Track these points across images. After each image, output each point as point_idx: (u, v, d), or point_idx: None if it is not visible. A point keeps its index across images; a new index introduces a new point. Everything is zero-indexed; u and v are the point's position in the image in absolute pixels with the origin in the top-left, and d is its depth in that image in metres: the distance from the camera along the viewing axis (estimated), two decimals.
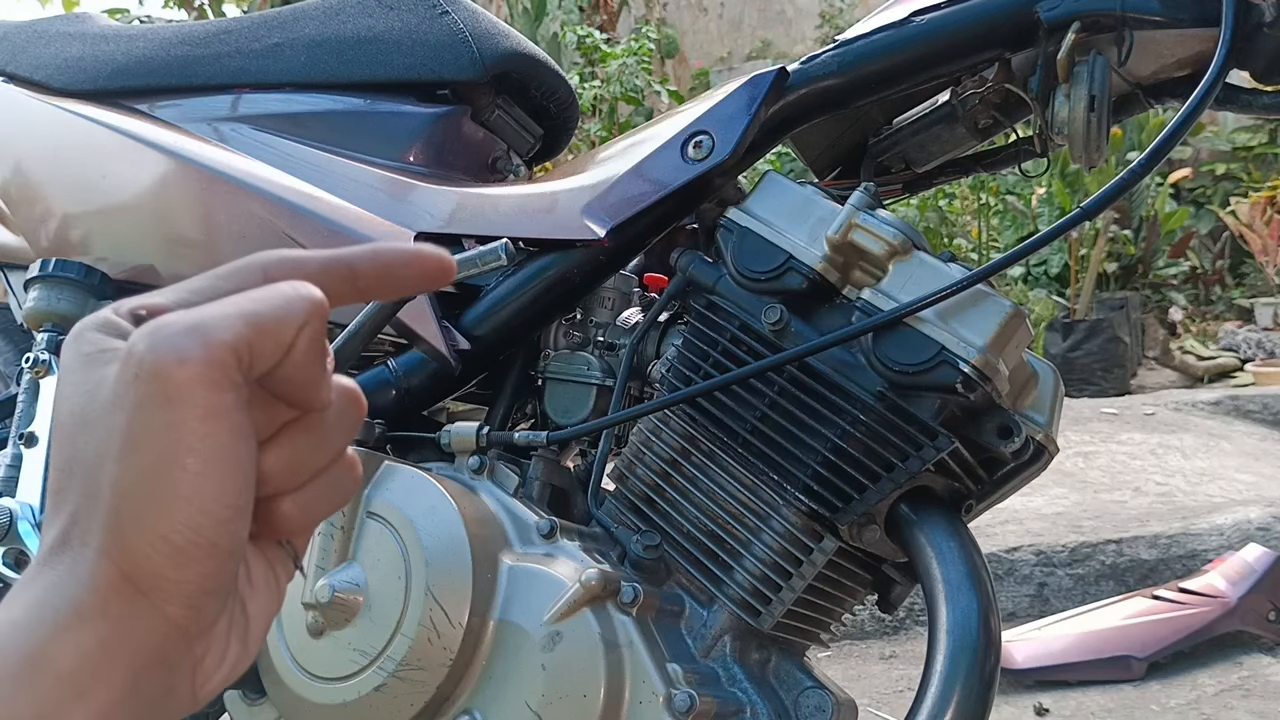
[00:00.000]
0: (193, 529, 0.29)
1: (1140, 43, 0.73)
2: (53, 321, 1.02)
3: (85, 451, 0.30)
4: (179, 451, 0.28)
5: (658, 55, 5.71)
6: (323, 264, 0.33)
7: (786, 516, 0.70)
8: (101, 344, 0.30)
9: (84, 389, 0.30)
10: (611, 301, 0.88)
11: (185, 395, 0.28)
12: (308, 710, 0.72)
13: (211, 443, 0.29)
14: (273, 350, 0.30)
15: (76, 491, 0.30)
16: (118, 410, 0.29)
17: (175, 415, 0.28)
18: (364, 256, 0.34)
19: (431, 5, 0.97)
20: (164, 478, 0.29)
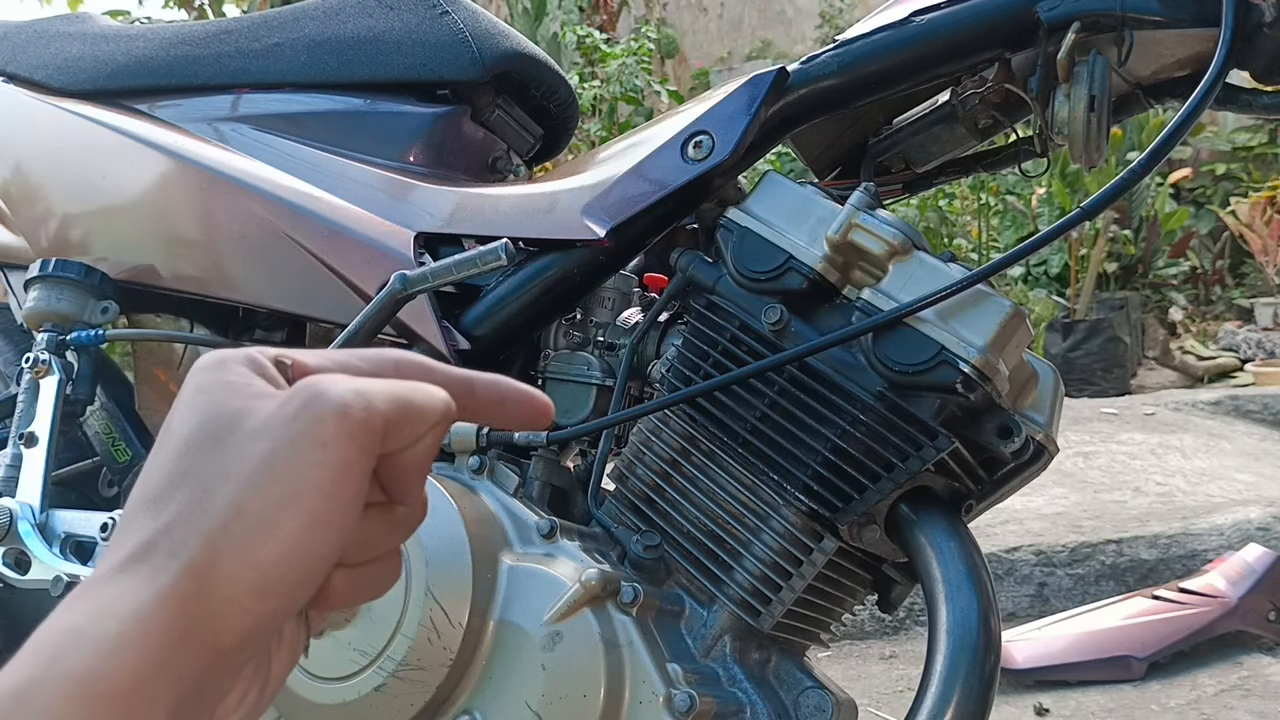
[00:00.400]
0: (288, 565, 0.30)
1: (1140, 43, 0.73)
2: (53, 321, 1.02)
3: (207, 468, 0.31)
4: (310, 490, 0.30)
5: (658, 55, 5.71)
6: (448, 376, 0.36)
7: (786, 516, 0.70)
8: (248, 378, 0.33)
9: (223, 412, 0.32)
10: (611, 301, 0.88)
11: (335, 444, 0.30)
12: (307, 710, 0.72)
13: (339, 493, 0.30)
14: (407, 436, 0.32)
15: (182, 503, 0.30)
16: (263, 439, 0.31)
17: (320, 457, 0.30)
18: (485, 383, 0.37)
19: (431, 5, 0.97)
20: (286, 509, 0.30)
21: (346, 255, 0.87)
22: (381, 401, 0.32)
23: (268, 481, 0.30)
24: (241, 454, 0.31)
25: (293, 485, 0.30)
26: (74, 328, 1.02)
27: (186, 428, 0.32)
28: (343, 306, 0.87)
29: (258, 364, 0.34)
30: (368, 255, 0.86)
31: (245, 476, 0.30)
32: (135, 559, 0.30)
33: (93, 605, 0.29)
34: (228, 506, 0.30)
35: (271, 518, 0.30)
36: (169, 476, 0.31)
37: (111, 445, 1.12)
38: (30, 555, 0.93)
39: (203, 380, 0.33)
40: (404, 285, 0.79)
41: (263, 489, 0.30)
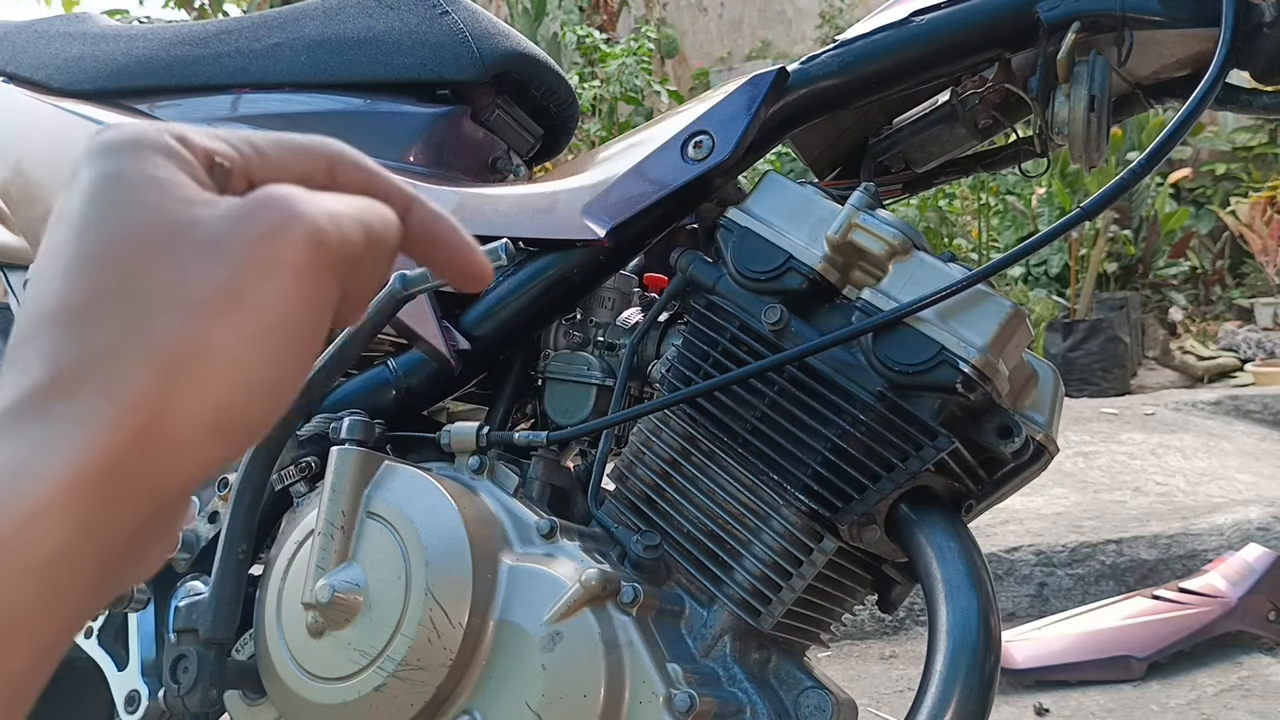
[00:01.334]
0: (253, 406, 0.26)
1: (1140, 43, 0.73)
2: None
3: (145, 286, 0.25)
4: (281, 324, 0.26)
5: (658, 55, 5.71)
6: (389, 191, 0.32)
7: (786, 516, 0.70)
8: (175, 176, 0.27)
9: (157, 219, 0.26)
10: (611, 301, 0.88)
11: (310, 274, 0.27)
12: (307, 710, 0.72)
13: (311, 328, 0.27)
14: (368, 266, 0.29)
15: (114, 329, 0.25)
16: (222, 260, 0.26)
17: (293, 289, 0.26)
18: (423, 212, 0.33)
19: (431, 5, 0.97)
20: (254, 344, 0.26)
21: None
22: (353, 228, 0.28)
23: (232, 311, 0.26)
24: (195, 275, 0.26)
25: (264, 319, 0.26)
26: None
27: (105, 230, 0.26)
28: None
29: (181, 158, 0.28)
30: None
31: (204, 303, 0.25)
32: (52, 394, 0.24)
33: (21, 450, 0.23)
34: (183, 336, 0.25)
35: (239, 354, 0.26)
36: (89, 291, 0.25)
37: None
38: None
39: (117, 170, 0.27)
40: (404, 285, 0.79)
41: (228, 320, 0.25)
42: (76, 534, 0.23)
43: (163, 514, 0.26)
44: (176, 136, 0.28)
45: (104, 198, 0.26)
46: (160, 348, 0.25)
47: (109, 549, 0.24)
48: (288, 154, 0.31)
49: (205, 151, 0.29)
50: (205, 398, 0.25)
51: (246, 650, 0.80)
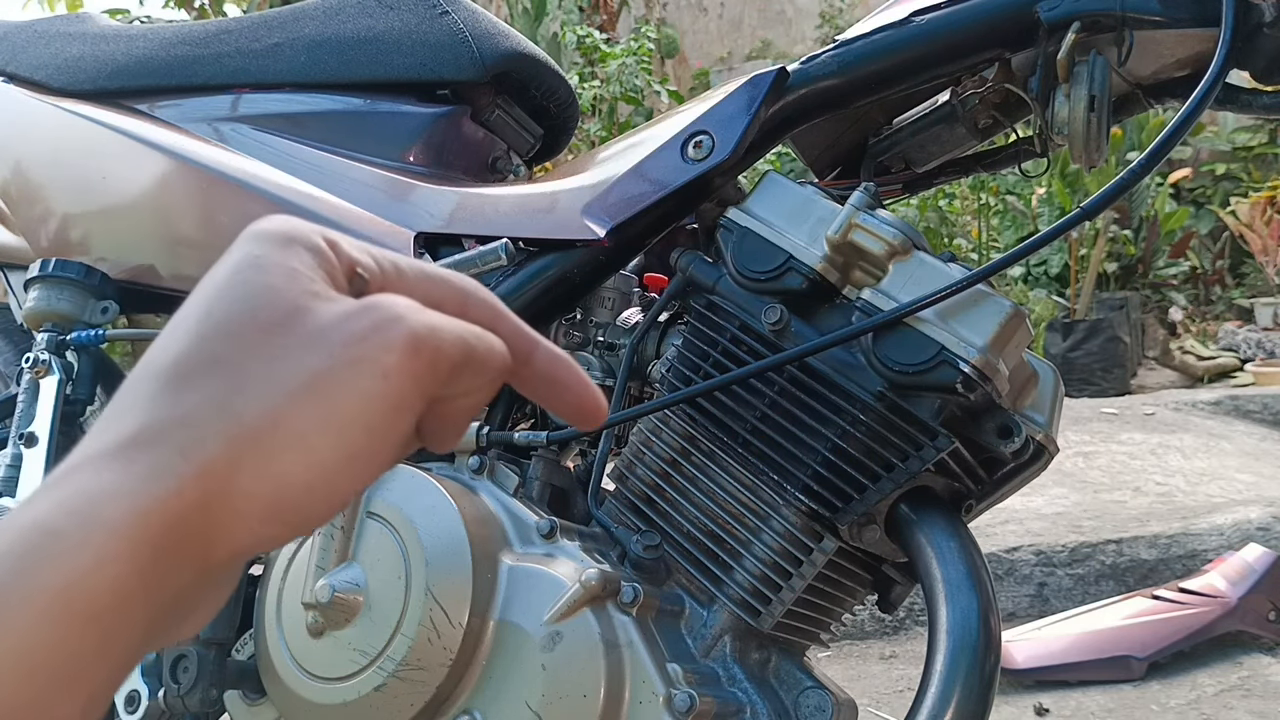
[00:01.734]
0: (312, 493, 0.27)
1: (1140, 43, 0.73)
2: (53, 321, 1.02)
3: (247, 362, 0.27)
4: (358, 421, 0.27)
5: (658, 55, 5.71)
6: (513, 331, 0.33)
7: (786, 516, 0.70)
8: (313, 270, 0.29)
9: (278, 302, 0.28)
10: (611, 301, 0.88)
11: (397, 378, 0.28)
12: (307, 710, 0.72)
13: (387, 431, 0.28)
14: (463, 386, 0.30)
15: (209, 394, 0.27)
16: (319, 350, 0.27)
17: (379, 389, 0.27)
18: (546, 356, 0.34)
19: (431, 5, 0.97)
20: (328, 434, 0.27)
21: None
22: (452, 344, 0.29)
23: (314, 399, 0.27)
24: (291, 359, 0.27)
25: (341, 411, 0.27)
26: (74, 328, 1.02)
27: (230, 302, 0.28)
28: None
29: (325, 257, 0.30)
30: None
31: (290, 386, 0.27)
32: (136, 445, 0.26)
33: (76, 501, 0.24)
34: (263, 414, 0.26)
35: (309, 439, 0.27)
36: (198, 356, 0.27)
37: None
38: None
39: (261, 255, 0.29)
40: None
41: (307, 406, 0.27)
42: (134, 586, 0.24)
43: (210, 581, 0.27)
44: (327, 239, 0.31)
45: (240, 275, 0.29)
46: (239, 420, 0.26)
47: (160, 604, 0.25)
48: (425, 279, 0.32)
49: (349, 259, 0.31)
50: (269, 475, 0.26)
51: (246, 650, 0.80)
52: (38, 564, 0.23)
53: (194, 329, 0.28)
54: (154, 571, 0.25)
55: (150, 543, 0.25)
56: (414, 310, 0.29)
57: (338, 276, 0.30)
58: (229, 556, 0.27)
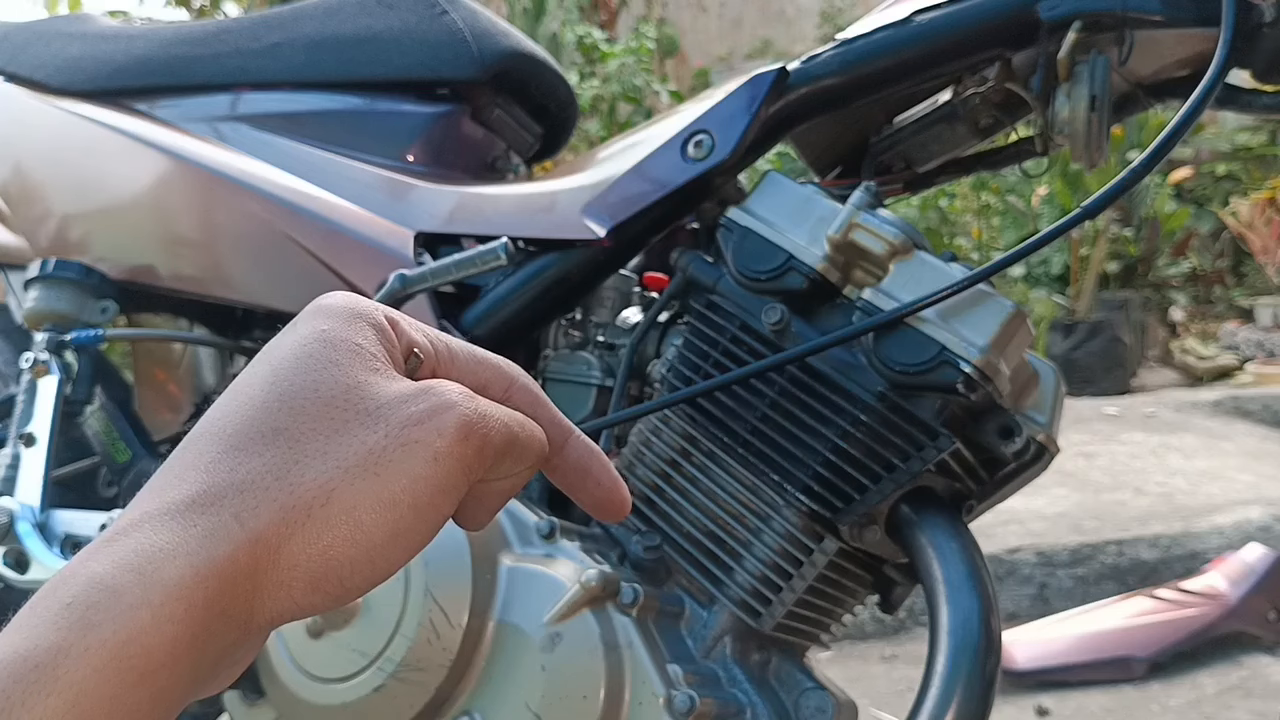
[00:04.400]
0: (354, 568, 0.28)
1: (1141, 42, 0.73)
2: (52, 321, 1.02)
3: (307, 435, 0.28)
4: (407, 500, 0.28)
5: (657, 54, 5.70)
6: (551, 420, 0.35)
7: (787, 517, 0.70)
8: (376, 349, 0.31)
9: (342, 380, 0.29)
10: (611, 301, 0.88)
11: (446, 462, 0.29)
12: (307, 711, 0.72)
13: (432, 511, 0.29)
14: (504, 470, 0.31)
15: (267, 462, 0.27)
16: (377, 429, 0.28)
17: (429, 471, 0.28)
18: (581, 446, 0.35)
19: (431, 4, 0.97)
20: (376, 512, 0.28)
21: (346, 255, 0.87)
22: (499, 432, 0.30)
23: (367, 477, 0.28)
24: (349, 436, 0.28)
25: (392, 490, 0.28)
26: (73, 328, 1.02)
27: (295, 377, 0.29)
28: None
29: (388, 337, 0.31)
30: (367, 255, 0.86)
31: (346, 463, 0.28)
32: (195, 508, 0.26)
33: (135, 559, 0.25)
34: (318, 487, 0.27)
35: (359, 515, 0.28)
36: (261, 425, 0.28)
37: (111, 445, 1.12)
38: (29, 555, 0.93)
39: (329, 330, 0.30)
40: (403, 285, 0.79)
41: (360, 483, 0.28)
42: (186, 646, 0.25)
43: (248, 644, 0.28)
44: (389, 318, 0.32)
45: (307, 350, 0.30)
46: (294, 491, 0.27)
47: (205, 664, 0.26)
48: (475, 363, 0.34)
49: (409, 340, 0.32)
50: (317, 547, 0.27)
51: None
52: (98, 620, 0.24)
53: (258, 397, 0.29)
54: (205, 633, 0.26)
55: (205, 605, 0.25)
56: (466, 397, 0.30)
57: (396, 355, 0.31)
58: (269, 622, 0.28)
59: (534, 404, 0.34)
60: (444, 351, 0.33)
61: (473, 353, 0.34)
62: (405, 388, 0.30)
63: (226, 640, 0.27)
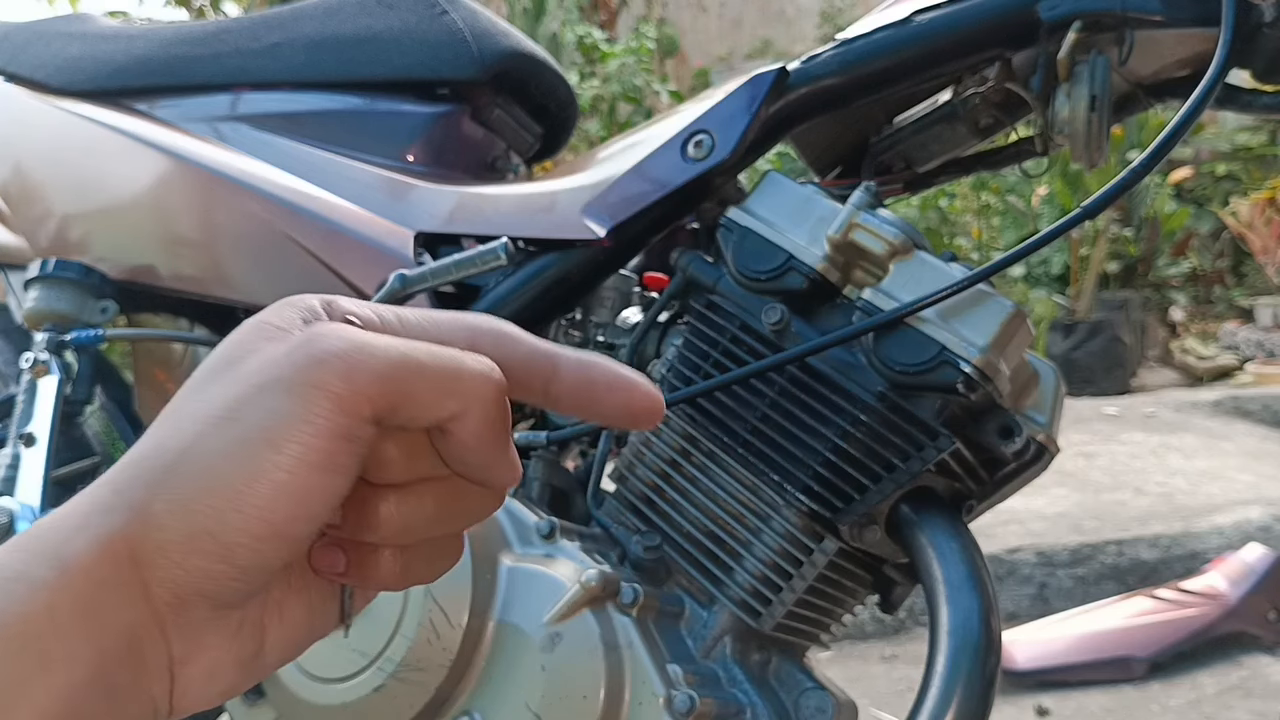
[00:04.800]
0: (217, 522, 0.27)
1: (1141, 42, 0.73)
2: (52, 321, 1.02)
3: (185, 405, 0.28)
4: (263, 442, 0.27)
5: (657, 54, 5.70)
6: (530, 353, 0.32)
7: (787, 517, 0.70)
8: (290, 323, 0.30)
9: (233, 351, 0.29)
10: (611, 301, 0.88)
11: (303, 396, 0.27)
12: (306, 711, 0.71)
13: (295, 452, 0.27)
14: (427, 406, 0.28)
15: (151, 438, 0.28)
16: (239, 381, 0.28)
17: (284, 406, 0.27)
18: (573, 364, 0.32)
19: (430, 4, 0.97)
20: (229, 459, 0.27)
21: (346, 255, 0.87)
22: (378, 364, 0.27)
23: (223, 425, 0.27)
24: (212, 393, 0.28)
25: (245, 429, 0.27)
26: (73, 328, 1.02)
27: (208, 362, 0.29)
28: None
29: (312, 311, 0.30)
30: (367, 255, 0.86)
31: (206, 417, 0.27)
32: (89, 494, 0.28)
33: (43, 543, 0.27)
34: (178, 447, 0.27)
35: (213, 463, 0.27)
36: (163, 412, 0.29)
37: (111, 445, 1.12)
38: None
39: (254, 319, 0.30)
40: (403, 285, 0.79)
41: (215, 431, 0.27)
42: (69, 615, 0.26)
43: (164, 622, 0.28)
44: (326, 301, 0.31)
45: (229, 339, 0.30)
46: (161, 454, 0.28)
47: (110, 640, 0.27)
48: (429, 324, 0.31)
49: (342, 310, 0.31)
50: (179, 504, 0.27)
51: None
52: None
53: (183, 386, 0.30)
54: (93, 602, 0.26)
55: (84, 572, 0.26)
56: (346, 332, 0.28)
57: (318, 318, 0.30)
58: (171, 594, 0.27)
59: (497, 341, 0.31)
60: (391, 320, 0.31)
61: (430, 315, 0.32)
62: (289, 340, 0.28)
63: (127, 613, 0.27)
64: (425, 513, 0.31)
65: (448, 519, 0.32)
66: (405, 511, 0.30)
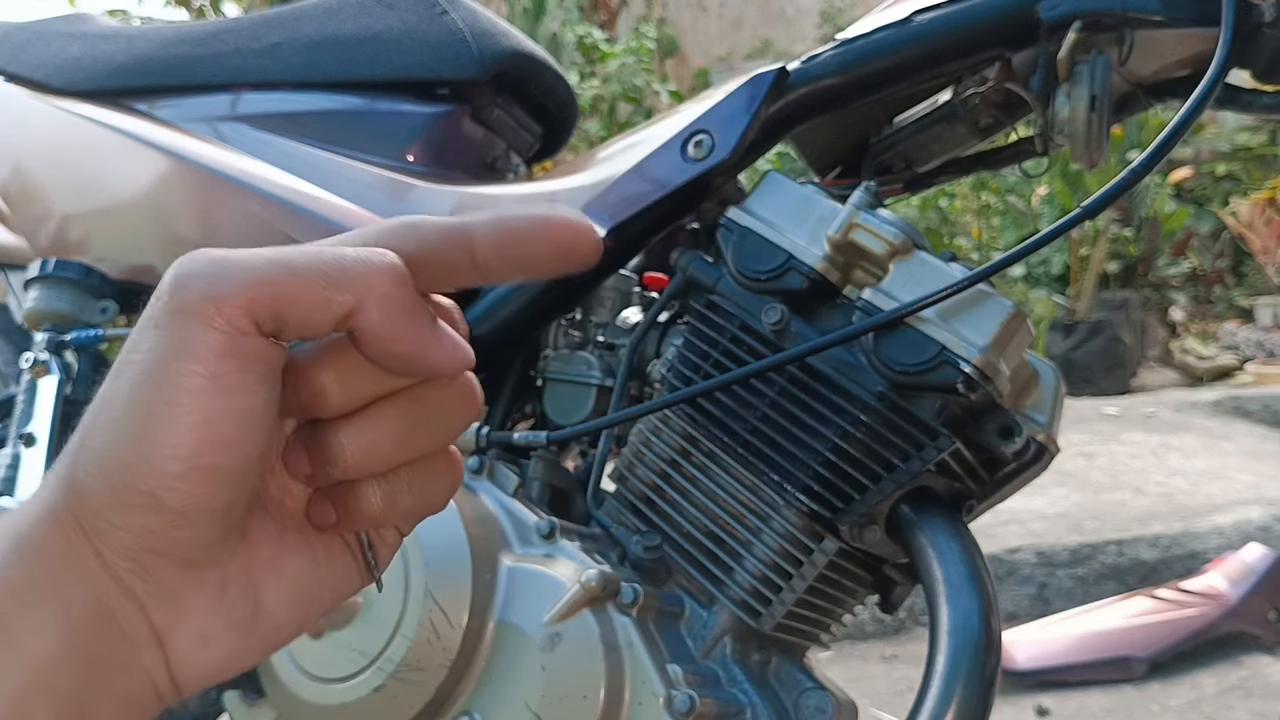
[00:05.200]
0: (131, 472, 0.26)
1: (1141, 42, 0.73)
2: (52, 321, 1.02)
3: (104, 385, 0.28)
4: (144, 381, 0.26)
5: (657, 54, 5.70)
6: (441, 232, 0.30)
7: (787, 517, 0.70)
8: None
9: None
10: (611, 301, 0.88)
11: (172, 323, 0.26)
12: (306, 711, 0.71)
13: (178, 386, 0.26)
14: (306, 314, 0.27)
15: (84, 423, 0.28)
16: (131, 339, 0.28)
17: (156, 341, 0.26)
18: (487, 224, 0.30)
19: (430, 4, 0.97)
20: (116, 403, 0.27)
21: None
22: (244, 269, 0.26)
23: (115, 380, 0.27)
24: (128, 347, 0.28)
25: (133, 380, 0.27)
26: (73, 328, 1.02)
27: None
28: None
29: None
30: None
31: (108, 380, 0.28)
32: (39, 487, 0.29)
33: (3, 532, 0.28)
34: (90, 417, 0.28)
35: (115, 419, 0.27)
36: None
37: None
38: None
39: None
40: None
41: (112, 390, 0.27)
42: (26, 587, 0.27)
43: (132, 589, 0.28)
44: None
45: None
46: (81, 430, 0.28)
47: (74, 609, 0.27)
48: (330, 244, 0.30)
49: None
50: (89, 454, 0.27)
51: None
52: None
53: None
54: (51, 578, 0.27)
55: (32, 549, 0.27)
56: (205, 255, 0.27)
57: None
58: (128, 560, 0.27)
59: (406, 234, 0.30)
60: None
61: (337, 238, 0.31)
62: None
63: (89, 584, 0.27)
64: (387, 434, 0.30)
65: (419, 436, 0.30)
66: (363, 438, 0.29)
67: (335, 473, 0.30)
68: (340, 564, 0.32)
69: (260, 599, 0.30)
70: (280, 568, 0.31)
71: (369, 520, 0.31)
